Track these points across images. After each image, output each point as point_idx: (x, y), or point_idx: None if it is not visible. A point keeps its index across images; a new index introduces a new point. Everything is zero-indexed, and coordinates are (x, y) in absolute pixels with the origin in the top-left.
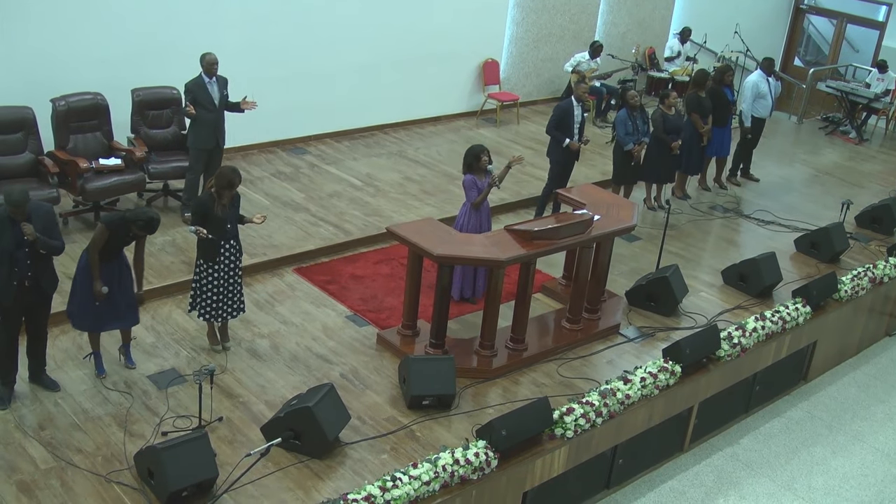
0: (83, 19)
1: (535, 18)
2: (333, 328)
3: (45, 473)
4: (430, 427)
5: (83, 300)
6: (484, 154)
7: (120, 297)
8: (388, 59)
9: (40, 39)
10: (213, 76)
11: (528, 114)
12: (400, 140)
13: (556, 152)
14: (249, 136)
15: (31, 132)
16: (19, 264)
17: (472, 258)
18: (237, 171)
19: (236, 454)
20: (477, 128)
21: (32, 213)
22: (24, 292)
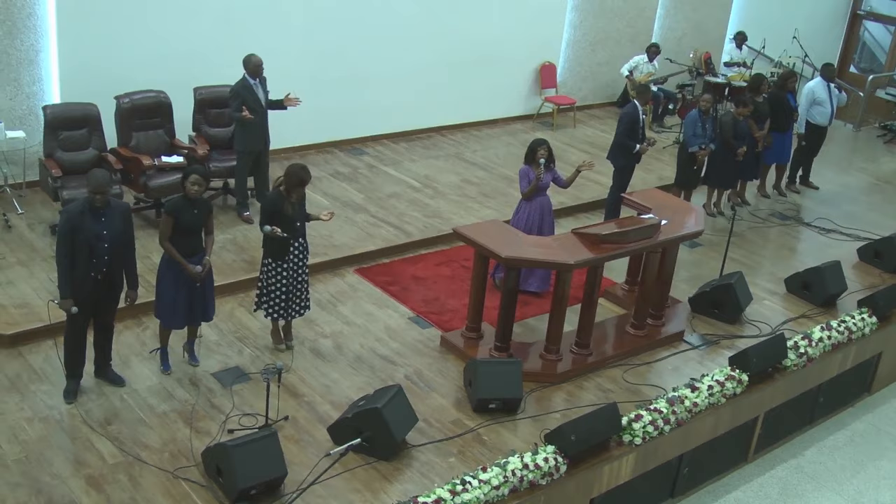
0: (147, 17)
1: (593, 22)
2: (396, 329)
3: (112, 468)
4: (496, 431)
5: (168, 299)
6: (541, 148)
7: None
8: (446, 61)
9: (104, 37)
10: (257, 78)
11: (583, 118)
12: (457, 142)
13: (621, 157)
14: (307, 136)
15: (95, 129)
16: (97, 257)
17: (539, 261)
18: (307, 169)
19: (303, 453)
20: (533, 131)
21: (114, 208)
22: (98, 285)
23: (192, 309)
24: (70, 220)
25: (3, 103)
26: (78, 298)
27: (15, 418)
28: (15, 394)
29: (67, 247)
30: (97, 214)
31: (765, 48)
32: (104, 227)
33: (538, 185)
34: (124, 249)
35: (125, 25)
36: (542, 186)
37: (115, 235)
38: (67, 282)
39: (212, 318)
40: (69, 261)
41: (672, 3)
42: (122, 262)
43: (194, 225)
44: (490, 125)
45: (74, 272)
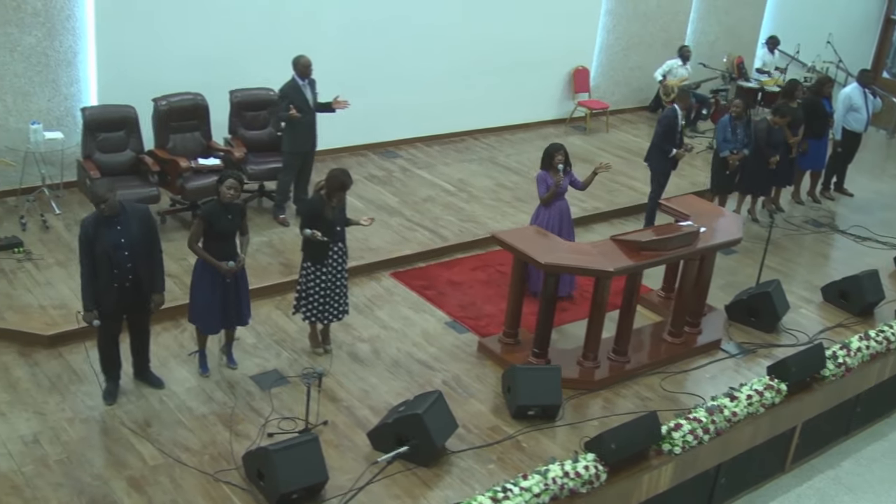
0: (183, 20)
1: (626, 26)
2: (433, 334)
3: (153, 470)
4: (535, 438)
5: (202, 303)
6: (558, 153)
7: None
8: (479, 65)
9: (141, 39)
10: (306, 78)
11: (616, 122)
12: (490, 146)
13: (659, 162)
14: (340, 138)
15: (132, 131)
16: (119, 266)
17: (579, 268)
18: (348, 174)
19: (343, 458)
20: (566, 135)
21: (129, 214)
22: (125, 293)
23: (226, 313)
24: (86, 232)
25: (42, 104)
26: (104, 309)
27: (56, 419)
28: (56, 394)
29: (88, 259)
30: (112, 223)
31: (798, 53)
32: (121, 234)
33: (557, 190)
34: (147, 254)
35: (162, 28)
36: (560, 191)
37: (135, 241)
38: (89, 294)
39: (247, 323)
40: (91, 273)
41: (705, 7)
42: (147, 266)
43: (228, 230)
44: (523, 129)
45: (97, 283)
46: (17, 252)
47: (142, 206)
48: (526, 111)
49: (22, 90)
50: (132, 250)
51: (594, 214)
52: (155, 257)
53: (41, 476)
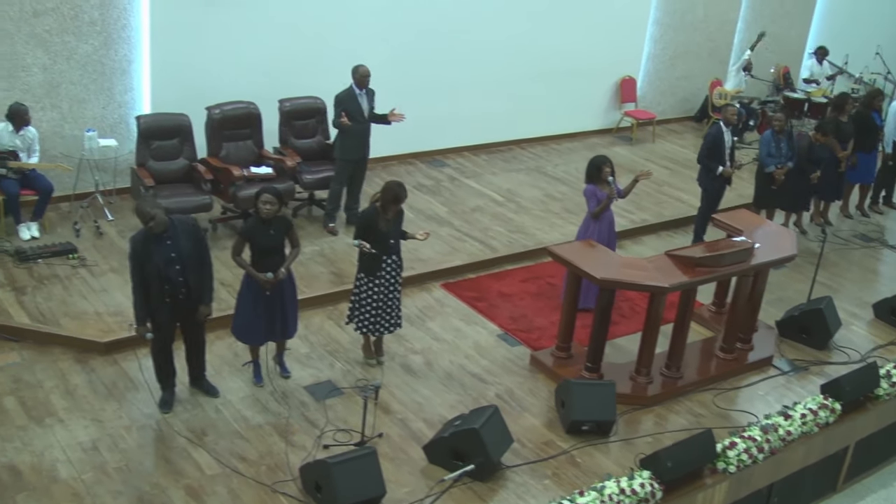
0: (235, 30)
1: (673, 36)
2: (485, 347)
3: (211, 479)
4: (589, 453)
5: (245, 316)
6: (606, 165)
7: (284, 310)
8: (526, 74)
9: (194, 49)
10: (363, 88)
11: (662, 132)
12: (537, 155)
13: (707, 180)
14: (388, 147)
15: (186, 139)
16: (171, 281)
17: (635, 283)
18: (403, 186)
19: (399, 472)
20: (611, 145)
21: (178, 228)
22: (178, 305)
23: (271, 326)
24: (135, 249)
25: (96, 112)
26: (157, 322)
27: (114, 426)
28: (112, 401)
29: (138, 275)
30: (161, 239)
31: (847, 64)
32: (171, 249)
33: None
34: (198, 266)
35: (214, 37)
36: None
37: (185, 255)
38: (142, 308)
39: (292, 336)
40: (142, 288)
41: (752, 17)
42: (199, 278)
43: (271, 245)
44: (569, 139)
45: (150, 297)
46: (72, 258)
47: (189, 219)
48: (572, 121)
49: (77, 98)
50: (184, 264)
51: (642, 227)
52: (205, 269)
53: (101, 483)
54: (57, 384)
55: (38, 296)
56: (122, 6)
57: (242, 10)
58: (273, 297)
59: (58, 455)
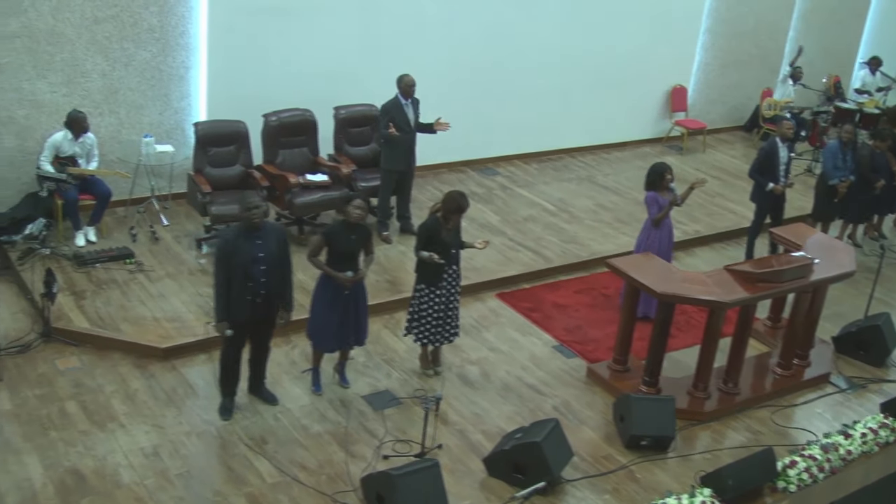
0: (290, 37)
1: (724, 44)
2: (541, 358)
3: (272, 488)
4: (649, 469)
5: (322, 321)
6: (668, 173)
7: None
8: (577, 83)
9: (251, 56)
10: (409, 98)
11: (712, 142)
12: (587, 165)
13: (758, 196)
14: (439, 155)
15: (242, 146)
16: (254, 280)
17: (695, 298)
18: (465, 197)
19: (458, 484)
20: (662, 155)
21: (269, 230)
22: (256, 307)
23: (343, 332)
24: (226, 244)
25: (153, 118)
26: (235, 321)
27: (174, 432)
28: (172, 408)
29: (224, 270)
30: (252, 237)
31: None
32: (260, 249)
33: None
34: (281, 270)
35: (269, 44)
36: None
37: (272, 257)
38: (224, 305)
39: (364, 343)
40: (226, 284)
41: (803, 25)
42: (279, 283)
43: (350, 250)
44: (619, 148)
45: (232, 295)
46: (129, 263)
47: (279, 224)
48: (623, 130)
49: (135, 104)
50: (268, 265)
51: (695, 238)
52: (287, 275)
53: (163, 490)
54: (117, 389)
55: (98, 300)
56: (180, 13)
57: (298, 18)
58: (348, 303)
59: (120, 460)
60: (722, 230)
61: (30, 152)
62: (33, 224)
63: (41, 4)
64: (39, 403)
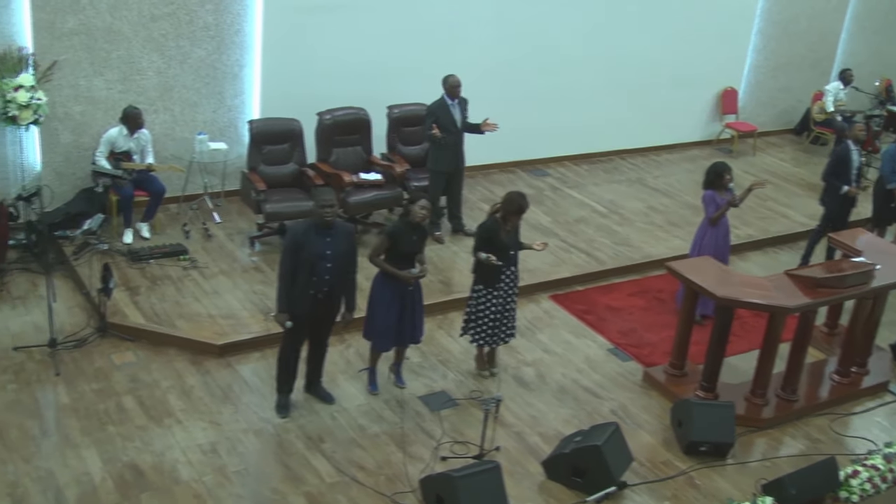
0: (343, 35)
1: (775, 46)
2: (596, 361)
3: (330, 487)
4: (708, 475)
5: (380, 321)
6: (727, 172)
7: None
8: (627, 84)
9: (304, 54)
10: (455, 98)
11: (762, 145)
12: (637, 167)
13: (831, 199)
14: (489, 155)
15: (296, 144)
16: (319, 276)
17: (756, 303)
18: (525, 197)
19: (517, 486)
20: (711, 157)
21: (339, 229)
22: (318, 304)
23: (401, 331)
24: (295, 237)
25: (207, 116)
26: (296, 314)
27: (231, 430)
28: (228, 405)
29: (290, 263)
30: (323, 234)
31: None
32: (329, 246)
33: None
34: (346, 270)
35: (322, 43)
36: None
37: (339, 255)
38: (286, 297)
39: (420, 341)
40: (290, 277)
41: (855, 27)
42: (343, 282)
43: (411, 251)
44: (668, 150)
45: (295, 289)
46: (182, 259)
47: (349, 225)
48: (672, 132)
49: (189, 101)
50: (335, 263)
51: (747, 242)
52: (351, 275)
53: (222, 487)
54: (173, 385)
55: (152, 296)
56: (236, 11)
57: (352, 16)
58: (405, 302)
59: (178, 456)
60: (775, 234)
61: (85, 148)
62: (92, 219)
63: (99, 2)
64: (97, 398)
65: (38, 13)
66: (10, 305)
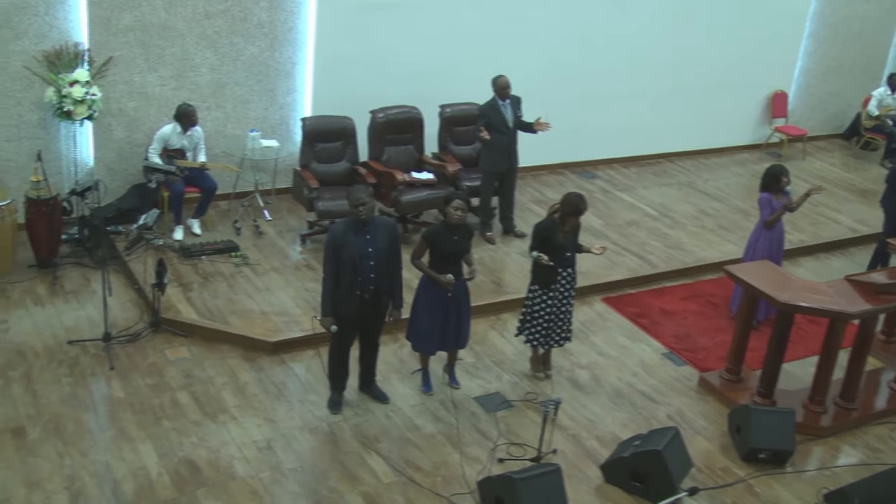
0: (396, 34)
1: (826, 50)
2: (651, 365)
3: (388, 487)
4: (768, 483)
5: (422, 324)
6: (784, 176)
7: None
8: (676, 86)
9: (356, 52)
10: (506, 98)
11: (811, 149)
12: (686, 170)
13: (888, 201)
14: (538, 156)
15: (349, 142)
16: (363, 275)
17: (818, 309)
18: (583, 198)
19: (575, 490)
20: (760, 161)
21: (379, 225)
22: (364, 303)
23: (445, 335)
24: (335, 238)
25: (259, 113)
26: (342, 316)
27: (286, 427)
28: (283, 402)
29: (332, 264)
30: (362, 232)
31: None
32: (369, 244)
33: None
34: (390, 266)
35: (375, 41)
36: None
37: (381, 252)
38: (330, 300)
39: (465, 346)
40: (334, 279)
41: None
42: (388, 280)
43: (454, 251)
44: (717, 153)
45: (339, 290)
46: (234, 256)
47: (390, 220)
48: (721, 135)
49: (242, 98)
50: (377, 260)
51: (800, 248)
52: (396, 272)
53: (278, 484)
54: (227, 381)
55: (205, 292)
56: (289, 9)
57: (404, 14)
58: (450, 306)
59: (234, 452)
60: (826, 240)
61: (137, 144)
62: (147, 214)
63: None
64: (151, 393)
65: (94, 9)
66: (63, 300)
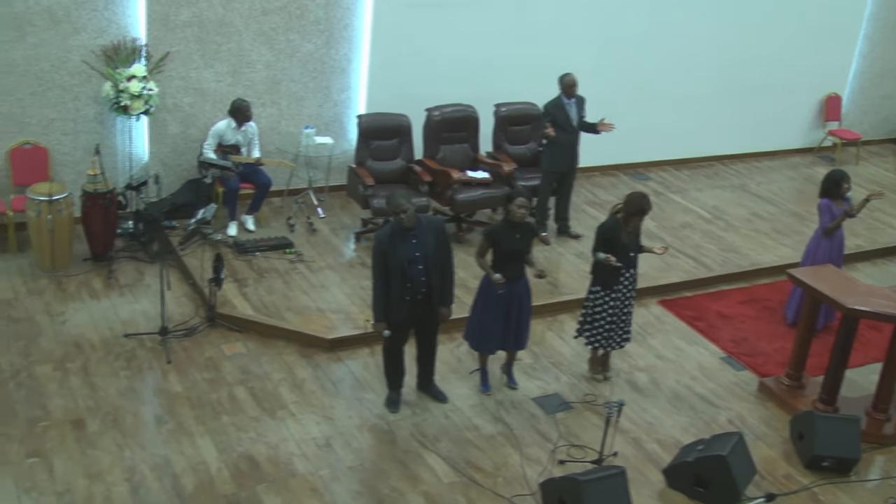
0: (450, 33)
1: (881, 52)
2: (710, 369)
3: (449, 488)
4: (832, 492)
5: (481, 323)
6: (845, 181)
7: (520, 320)
8: (729, 88)
9: (410, 50)
10: (572, 97)
11: (864, 154)
12: (739, 173)
13: None
14: (591, 158)
15: (405, 140)
16: (413, 280)
17: (887, 314)
18: (647, 198)
19: (637, 494)
20: (813, 165)
21: (425, 227)
22: (416, 306)
23: (504, 335)
24: (380, 245)
25: (313, 110)
26: (394, 321)
27: (345, 425)
28: (341, 400)
29: (381, 270)
30: (407, 236)
31: None
32: (416, 248)
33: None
34: (441, 267)
35: (429, 40)
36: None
37: (430, 255)
38: (381, 305)
39: (524, 347)
40: (384, 284)
41: None
42: (440, 280)
43: (515, 249)
44: (769, 156)
45: (391, 296)
46: (288, 253)
47: (437, 219)
48: (774, 138)
49: (296, 95)
50: (427, 264)
51: (857, 253)
52: (447, 271)
53: (338, 481)
54: (284, 377)
55: (260, 288)
56: (346, 6)
57: (461, 14)
58: (511, 306)
59: (293, 449)
60: (883, 245)
61: (192, 139)
62: (205, 209)
63: None
64: (209, 387)
65: (152, 5)
66: (118, 293)
